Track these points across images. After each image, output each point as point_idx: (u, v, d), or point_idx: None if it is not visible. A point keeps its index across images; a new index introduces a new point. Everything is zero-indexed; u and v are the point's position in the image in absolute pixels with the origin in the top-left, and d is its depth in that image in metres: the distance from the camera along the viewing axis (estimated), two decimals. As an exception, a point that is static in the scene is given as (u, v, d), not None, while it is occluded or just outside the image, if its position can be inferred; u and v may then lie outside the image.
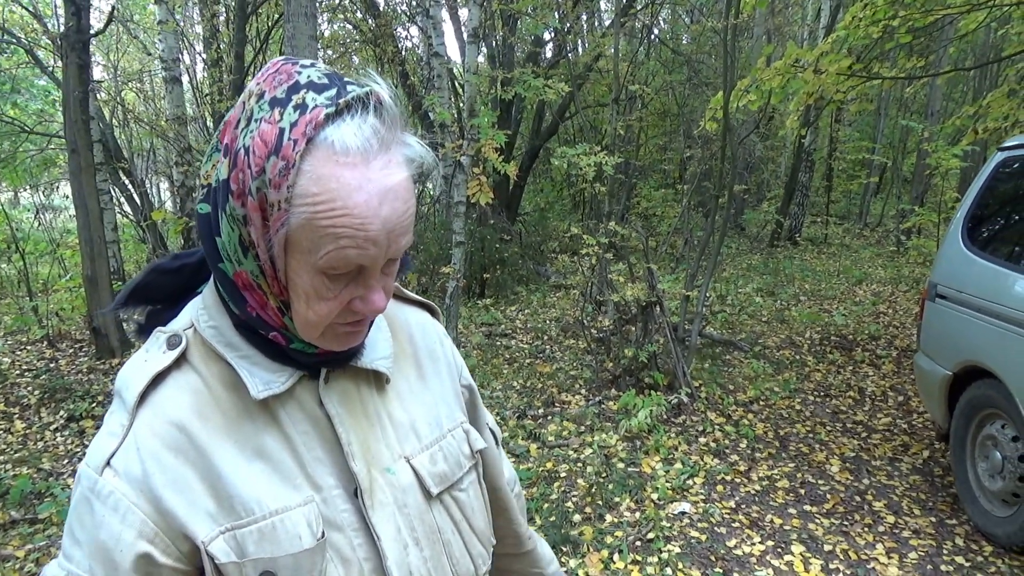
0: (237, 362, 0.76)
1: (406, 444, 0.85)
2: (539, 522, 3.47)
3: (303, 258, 0.68)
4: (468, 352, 6.23)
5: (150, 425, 0.72)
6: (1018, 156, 3.69)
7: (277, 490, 0.74)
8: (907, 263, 10.38)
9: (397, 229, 0.69)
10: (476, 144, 5.07)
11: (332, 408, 0.79)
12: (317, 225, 0.66)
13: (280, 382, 0.76)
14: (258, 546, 0.72)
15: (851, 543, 3.33)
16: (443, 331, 1.01)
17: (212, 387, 0.76)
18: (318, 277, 0.69)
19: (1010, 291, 3.26)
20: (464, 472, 0.91)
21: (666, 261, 8.20)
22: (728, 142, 5.29)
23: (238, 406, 0.76)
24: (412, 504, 0.83)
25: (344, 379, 0.82)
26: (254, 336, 0.77)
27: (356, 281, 0.72)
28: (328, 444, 0.78)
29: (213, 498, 0.72)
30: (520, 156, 11.53)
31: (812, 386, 5.44)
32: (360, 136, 0.66)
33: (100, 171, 7.61)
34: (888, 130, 15.53)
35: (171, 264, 0.83)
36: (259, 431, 0.76)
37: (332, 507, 0.77)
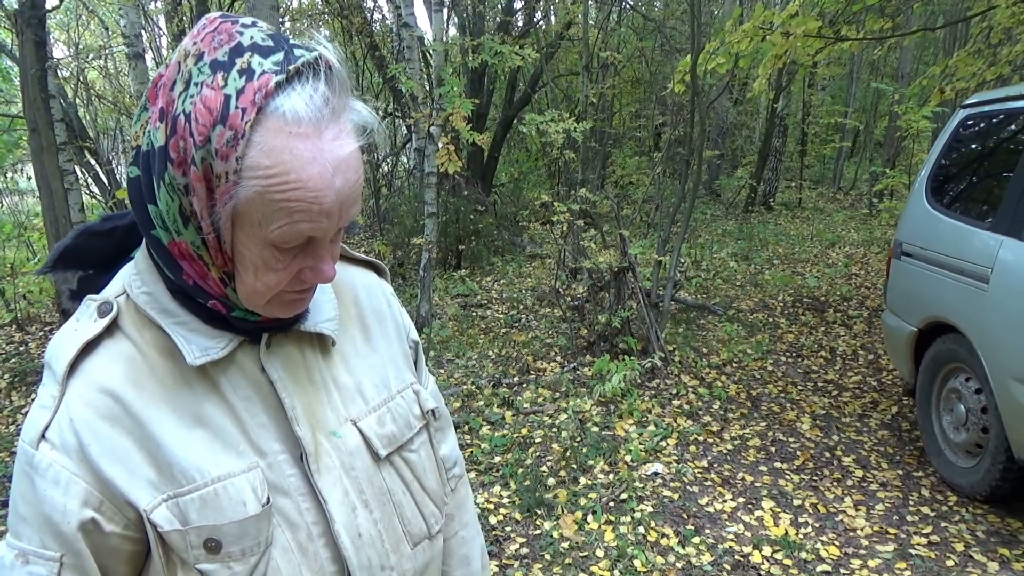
0: (172, 329, 0.74)
1: (352, 407, 0.84)
2: (513, 487, 3.51)
3: (252, 231, 0.67)
4: (444, 323, 6.23)
5: (82, 395, 0.71)
6: (979, 113, 3.72)
7: (219, 457, 0.73)
8: (879, 225, 10.48)
9: (349, 200, 0.68)
10: (444, 113, 5.02)
11: (274, 373, 0.78)
12: (270, 199, 0.64)
13: (218, 348, 0.74)
14: (200, 514, 0.71)
15: (820, 497, 3.40)
16: (390, 290, 0.99)
17: (147, 354, 0.74)
18: (268, 249, 0.68)
19: (972, 247, 3.31)
20: (415, 433, 0.90)
21: (640, 228, 8.21)
22: (696, 106, 5.28)
23: (175, 373, 0.74)
24: (360, 467, 0.82)
25: (287, 344, 0.80)
26: (191, 302, 0.75)
27: (305, 251, 0.71)
28: (272, 410, 0.77)
29: (153, 466, 0.71)
30: (494, 127, 11.45)
31: (784, 347, 5.50)
32: (312, 105, 0.64)
33: (64, 151, 7.44)
34: (860, 94, 15.58)
35: (101, 226, 0.81)
36: (198, 398, 0.74)
37: (278, 472, 0.76)
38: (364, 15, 10.48)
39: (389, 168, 11.69)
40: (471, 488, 3.49)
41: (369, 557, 0.81)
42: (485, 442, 3.98)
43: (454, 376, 5.04)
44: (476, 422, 4.21)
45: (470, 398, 4.62)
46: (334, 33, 11.72)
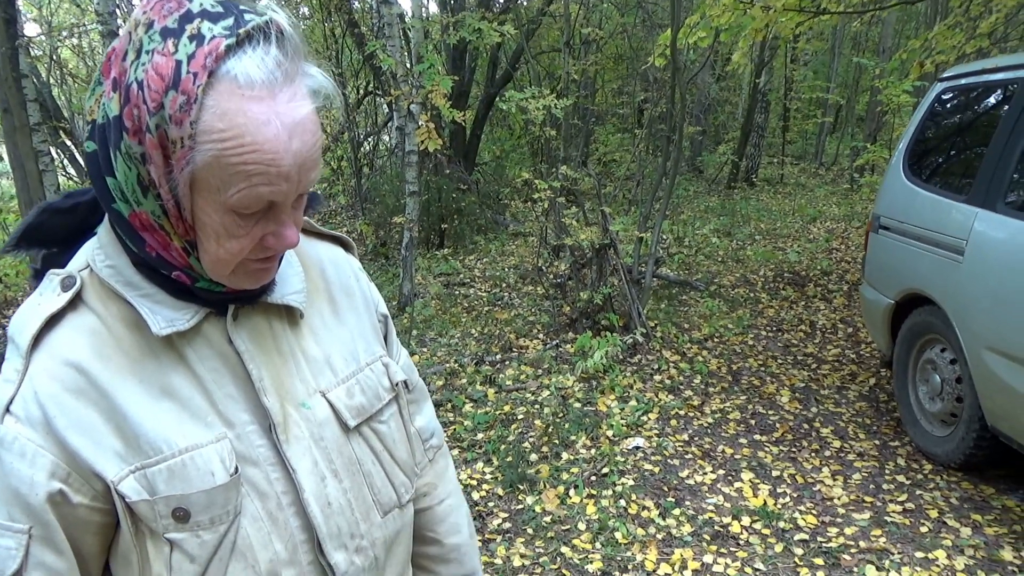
0: (138, 301, 0.74)
1: (321, 378, 0.85)
2: (496, 463, 3.53)
3: (211, 196, 0.66)
4: (427, 302, 6.22)
5: (46, 368, 0.70)
6: (956, 86, 3.74)
7: (187, 428, 0.74)
8: (860, 200, 10.54)
9: (307, 163, 0.68)
10: (423, 91, 4.98)
11: (241, 344, 0.78)
12: (226, 163, 0.64)
13: (184, 319, 0.74)
14: (168, 484, 0.72)
15: (798, 468, 3.45)
16: (358, 265, 0.99)
17: (112, 327, 0.74)
18: (228, 215, 0.68)
19: (948, 220, 3.33)
20: (384, 404, 0.91)
21: (622, 204, 8.21)
22: (677, 82, 5.26)
23: (141, 345, 0.74)
24: (329, 437, 0.83)
25: (254, 315, 0.81)
26: (155, 274, 0.75)
27: (267, 217, 0.70)
28: (239, 381, 0.78)
29: (119, 438, 0.71)
30: (475, 105, 11.37)
31: (765, 322, 5.55)
32: (264, 68, 0.64)
33: (38, 132, 7.34)
34: (842, 69, 15.60)
35: (63, 203, 0.80)
36: (164, 370, 0.74)
37: (246, 443, 0.77)
38: (343, -9, 10.32)
39: (370, 147, 11.60)
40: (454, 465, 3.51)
41: (339, 525, 0.82)
42: (468, 419, 4.00)
43: (437, 354, 5.05)
44: (459, 400, 4.22)
45: (453, 376, 4.63)
46: (312, 10, 11.56)
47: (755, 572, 2.73)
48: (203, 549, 0.73)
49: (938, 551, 2.77)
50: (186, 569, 0.73)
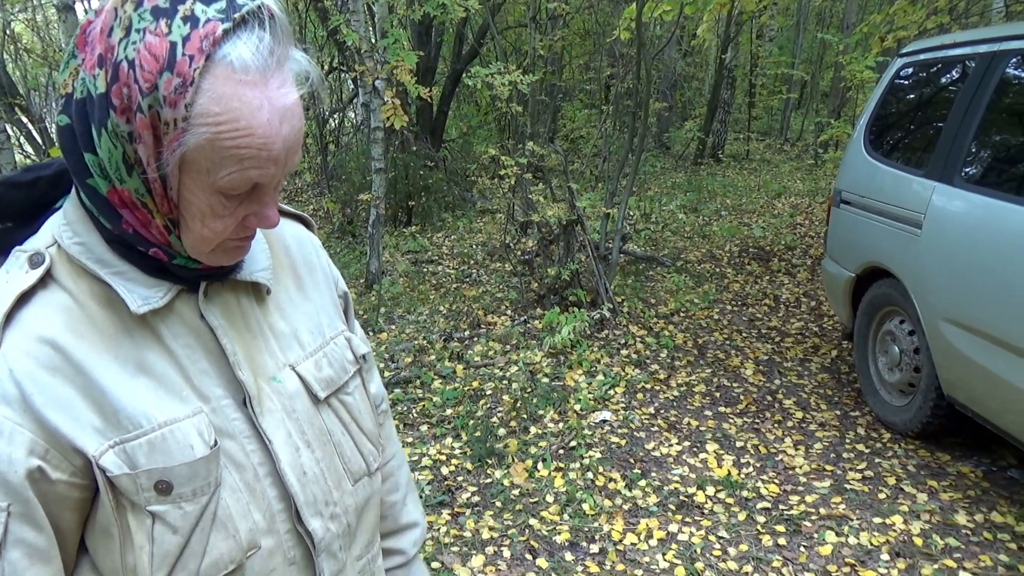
0: (112, 278, 0.73)
1: (290, 353, 0.86)
2: (465, 438, 3.55)
3: (200, 178, 0.68)
4: (394, 280, 6.19)
5: (20, 345, 0.69)
6: (916, 62, 3.79)
7: (163, 403, 0.74)
8: (824, 175, 10.68)
9: (294, 147, 0.70)
10: (388, 66, 4.91)
11: (214, 320, 0.79)
12: (220, 146, 0.65)
13: (158, 297, 0.75)
14: (149, 458, 0.72)
15: (761, 439, 3.52)
16: (318, 242, 1.02)
17: (84, 305, 0.73)
18: (215, 196, 0.69)
19: (907, 193, 3.40)
20: (349, 376, 0.93)
21: (589, 181, 8.22)
22: (642, 57, 5.26)
23: (114, 323, 0.74)
24: (300, 409, 0.85)
25: (224, 292, 0.82)
26: (128, 252, 0.75)
27: (251, 198, 0.72)
28: (213, 356, 0.79)
29: (98, 414, 0.71)
30: (443, 81, 11.26)
31: (730, 296, 5.62)
32: (259, 54, 0.65)
33: (-9, 108, 7.11)
34: (807, 45, 15.70)
35: (23, 177, 0.79)
36: (139, 347, 0.75)
37: (222, 416, 0.78)
38: (305, -36, 10.11)
39: (336, 124, 11.44)
40: (424, 440, 3.52)
41: (314, 494, 0.84)
42: (437, 396, 4.01)
43: (405, 331, 5.03)
44: (427, 376, 4.22)
45: (421, 353, 4.63)
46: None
47: (719, 540, 2.78)
48: (185, 520, 0.74)
49: (895, 516, 2.85)
50: (168, 540, 0.74)
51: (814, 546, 2.73)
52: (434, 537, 2.84)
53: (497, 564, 2.70)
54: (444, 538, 2.84)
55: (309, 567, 0.85)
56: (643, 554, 2.72)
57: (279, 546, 0.81)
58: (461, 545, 2.80)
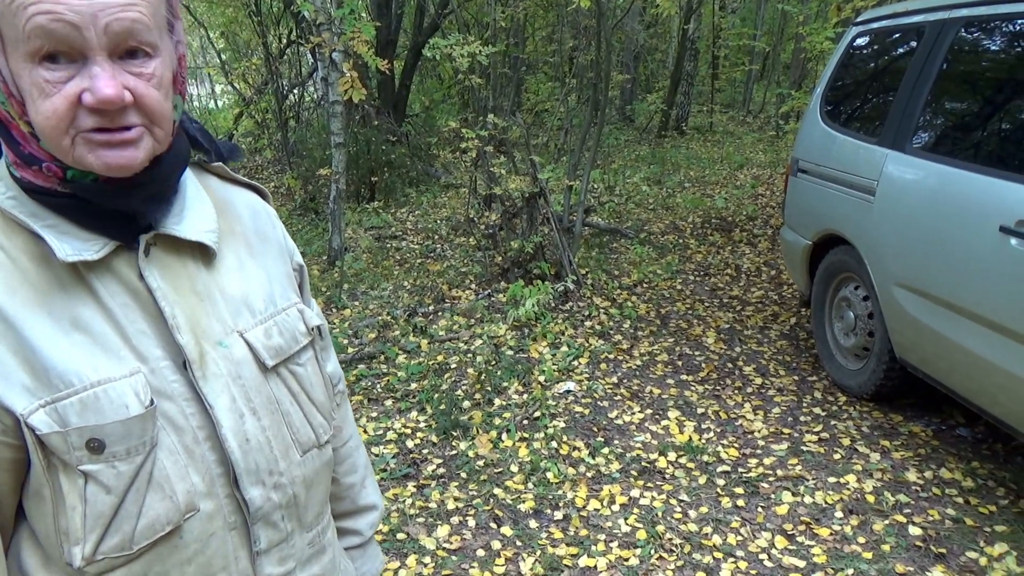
0: (44, 231, 0.72)
1: (239, 319, 0.85)
2: (430, 411, 3.56)
3: (15, 54, 0.66)
4: (357, 256, 6.15)
5: None
6: (870, 30, 3.83)
7: (99, 361, 0.73)
8: (785, 147, 10.79)
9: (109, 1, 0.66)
10: (344, 37, 4.84)
11: (153, 282, 0.78)
12: (11, 3, 0.64)
13: (93, 250, 0.74)
14: (81, 416, 0.71)
15: (722, 405, 3.58)
16: (274, 213, 1.00)
17: (17, 260, 0.72)
18: (36, 70, 0.66)
19: (861, 161, 3.45)
20: (300, 347, 0.92)
21: (552, 154, 8.21)
22: (602, 27, 5.25)
23: (48, 277, 0.73)
24: (247, 376, 0.84)
25: (167, 254, 0.80)
26: (57, 204, 0.73)
27: (81, 73, 0.67)
28: (152, 318, 0.78)
29: (28, 372, 0.70)
30: (404, 55, 11.10)
31: (693, 267, 5.68)
32: None
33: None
34: (769, 16, 15.76)
35: None
36: (73, 302, 0.73)
37: (160, 378, 0.77)
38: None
39: (296, 99, 11.24)
40: (389, 415, 3.53)
41: (256, 461, 0.83)
42: (401, 370, 4.01)
43: (369, 307, 5.01)
44: (392, 351, 4.22)
45: (385, 328, 4.62)
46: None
47: (679, 503, 2.84)
48: (119, 480, 0.74)
49: (849, 476, 2.93)
50: (102, 500, 0.73)
51: (771, 506, 2.80)
52: (399, 509, 2.86)
53: (462, 533, 2.72)
54: (410, 510, 2.85)
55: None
56: (606, 519, 2.77)
57: (219, 510, 0.81)
58: (427, 516, 2.82)
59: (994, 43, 3.09)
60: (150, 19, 0.69)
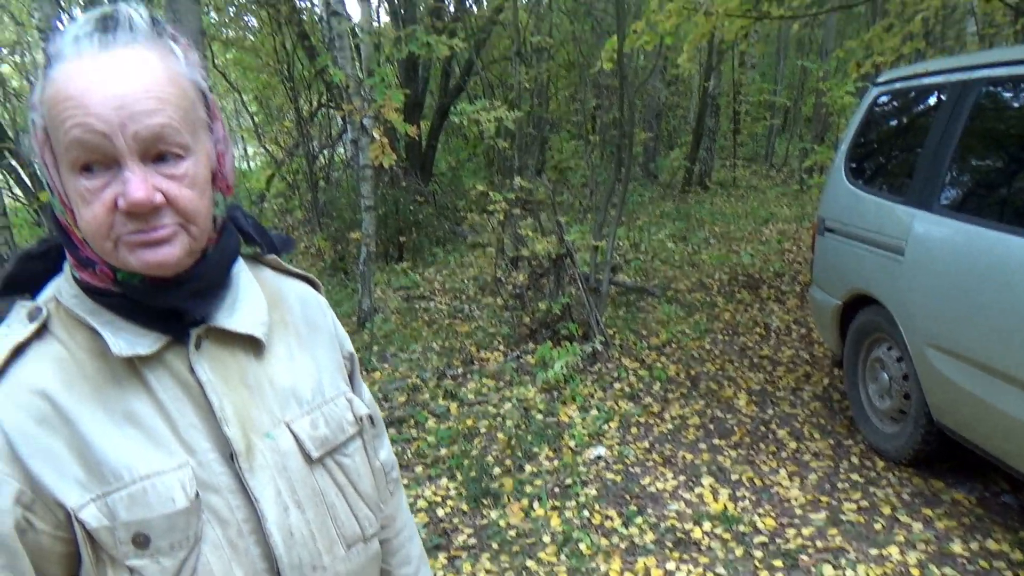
0: (101, 327, 0.76)
1: (287, 410, 0.86)
2: (460, 478, 3.53)
3: (63, 165, 0.71)
4: (387, 317, 6.20)
5: (12, 397, 0.72)
6: (891, 90, 3.86)
7: (149, 455, 0.75)
8: (810, 200, 10.78)
9: (134, 107, 0.69)
10: (375, 105, 4.97)
11: (204, 375, 0.79)
12: (53, 117, 0.69)
13: (146, 344, 0.76)
14: (129, 510, 0.73)
15: (756, 471, 3.52)
16: (325, 303, 1.02)
17: (76, 355, 0.75)
18: (78, 179, 0.70)
19: (888, 221, 3.44)
20: (348, 438, 0.92)
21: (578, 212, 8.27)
22: (625, 89, 5.34)
23: (104, 372, 0.76)
24: (293, 468, 0.84)
25: (217, 346, 0.82)
26: (115, 302, 0.77)
27: (116, 178, 0.70)
28: (202, 411, 0.79)
29: (82, 466, 0.72)
30: (430, 115, 11.36)
31: (721, 326, 5.64)
32: (83, 38, 0.70)
33: (-20, 154, 7.15)
34: (788, 71, 15.94)
35: (39, 248, 0.83)
36: (127, 395, 0.76)
37: (208, 470, 0.78)
38: (292, 3, 10.25)
39: (326, 160, 11.51)
40: (419, 482, 3.50)
41: (300, 556, 0.82)
42: (431, 435, 4.00)
43: (398, 370, 5.03)
44: (421, 415, 4.22)
45: (415, 391, 4.62)
46: (261, 23, 11.43)
47: (717, 576, 2.77)
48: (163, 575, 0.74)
49: (891, 547, 2.85)
50: None
51: (812, 580, 2.72)
52: (431, 582, 2.82)
53: (495, 608, 2.68)
54: (441, 583, 2.82)
55: None
56: (641, 593, 2.71)
57: None
58: (458, 589, 2.78)
59: (1018, 101, 3.10)
60: (179, 122, 0.72)
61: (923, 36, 6.36)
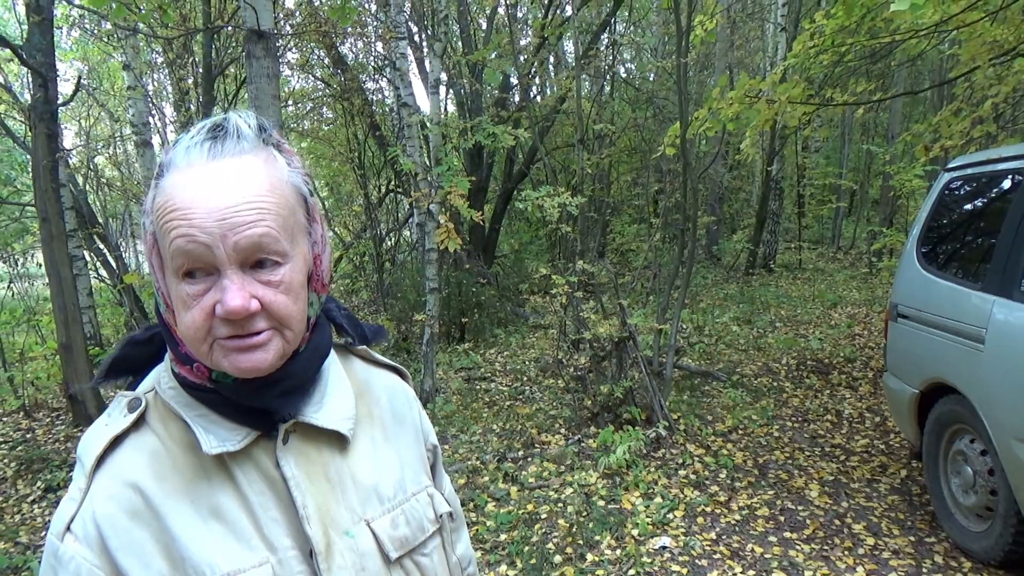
0: (194, 420, 0.78)
1: (368, 507, 0.86)
2: (520, 566, 3.45)
3: (167, 268, 0.74)
4: (448, 398, 6.22)
5: (107, 488, 0.74)
6: (963, 176, 3.80)
7: (231, 551, 0.76)
8: (880, 284, 10.53)
9: (234, 218, 0.71)
10: (442, 192, 5.14)
11: (289, 470, 0.80)
12: (161, 226, 0.72)
13: (236, 440, 0.78)
14: None
15: (831, 567, 3.34)
16: (413, 394, 1.02)
17: (170, 448, 0.78)
18: (180, 285, 0.73)
19: (966, 308, 3.33)
20: (427, 536, 0.92)
21: (640, 296, 8.25)
22: (688, 175, 5.40)
23: (195, 466, 0.78)
24: (371, 569, 0.84)
25: (304, 441, 0.83)
26: (206, 396, 0.79)
27: (216, 286, 0.72)
28: (284, 506, 0.80)
29: (167, 560, 0.74)
30: (494, 200, 11.66)
31: (790, 412, 5.47)
32: (192, 145, 0.74)
33: (73, 237, 7.62)
34: (853, 155, 15.84)
35: (143, 335, 0.87)
36: (215, 490, 0.77)
37: (287, 568, 0.78)
38: (364, 96, 10.81)
39: (392, 243, 11.85)
40: (479, 568, 3.43)
41: None
42: (491, 520, 3.94)
43: (459, 452, 5.01)
44: (481, 499, 4.17)
45: (475, 474, 4.59)
46: (336, 115, 12.04)
47: None
48: None
49: (983, 657, 2.64)
50: None
51: None
52: (489, 674, 2.73)
53: None
54: (499, 676, 2.73)
55: None
56: None
57: None
58: None
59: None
60: (278, 231, 0.74)
61: (993, 120, 6.27)
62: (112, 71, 13.18)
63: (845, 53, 5.56)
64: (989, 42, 5.25)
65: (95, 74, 13.01)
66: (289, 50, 10.49)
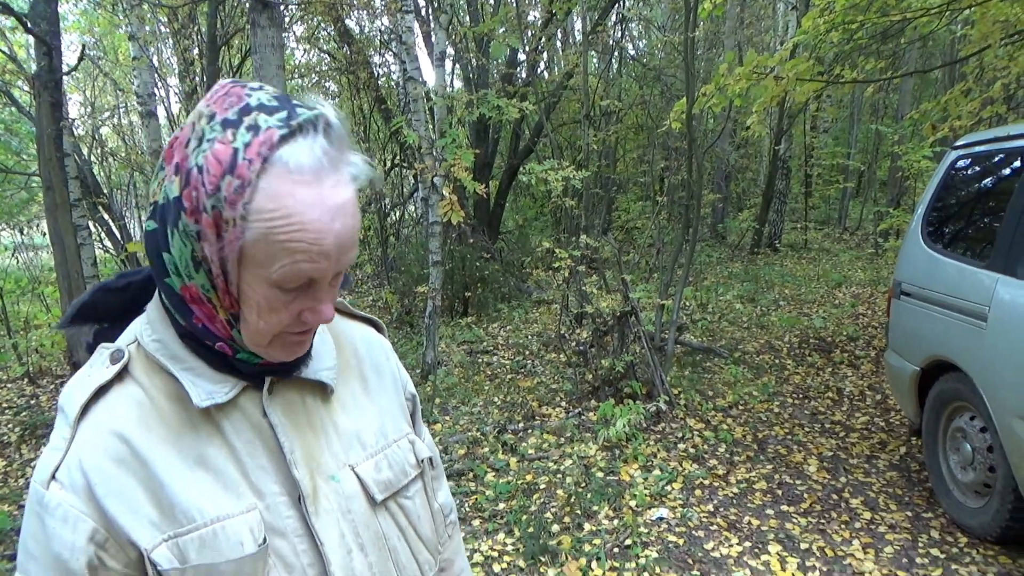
0: (181, 373, 0.78)
1: (351, 453, 0.88)
2: (517, 534, 3.49)
3: (257, 271, 0.71)
4: (450, 370, 6.24)
5: (91, 438, 0.74)
6: (970, 154, 3.77)
7: (219, 498, 0.77)
8: (885, 264, 10.48)
9: (347, 243, 0.73)
10: (445, 164, 5.12)
11: (275, 418, 0.81)
12: (273, 240, 0.69)
13: (223, 392, 0.79)
14: (199, 553, 0.74)
15: (828, 540, 3.36)
16: (389, 346, 1.04)
17: (155, 399, 0.78)
18: (272, 290, 0.72)
19: (969, 286, 3.32)
20: (410, 480, 0.93)
21: (643, 272, 8.24)
22: (693, 152, 5.36)
23: (181, 417, 0.78)
24: (357, 511, 0.85)
25: (288, 390, 0.84)
26: (199, 347, 0.79)
27: (306, 293, 0.75)
28: (272, 453, 0.81)
29: (155, 507, 0.74)
30: (499, 175, 11.61)
31: (791, 389, 5.48)
32: (312, 156, 0.69)
33: (78, 207, 7.61)
34: (861, 135, 15.72)
35: (117, 283, 0.86)
36: (202, 440, 0.78)
37: (275, 514, 0.79)
38: (370, 70, 10.73)
39: (396, 217, 11.83)
40: (477, 536, 3.47)
41: None
42: (490, 489, 3.97)
43: (459, 423, 5.04)
44: (481, 469, 4.20)
45: (475, 445, 4.61)
46: (341, 88, 11.98)
47: (784, 650, 2.64)
48: None
49: (976, 629, 2.67)
50: None
51: (888, 660, 2.56)
52: (485, 638, 2.77)
53: (550, 669, 2.60)
54: (496, 640, 2.76)
55: None
56: (703, 663, 2.59)
57: None
58: (513, 648, 2.72)
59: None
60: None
61: (1004, 101, 6.20)
62: (117, 41, 13.10)
63: (856, 31, 5.50)
64: (1001, 21, 5.18)
65: (100, 45, 12.93)
66: (296, 23, 10.41)
